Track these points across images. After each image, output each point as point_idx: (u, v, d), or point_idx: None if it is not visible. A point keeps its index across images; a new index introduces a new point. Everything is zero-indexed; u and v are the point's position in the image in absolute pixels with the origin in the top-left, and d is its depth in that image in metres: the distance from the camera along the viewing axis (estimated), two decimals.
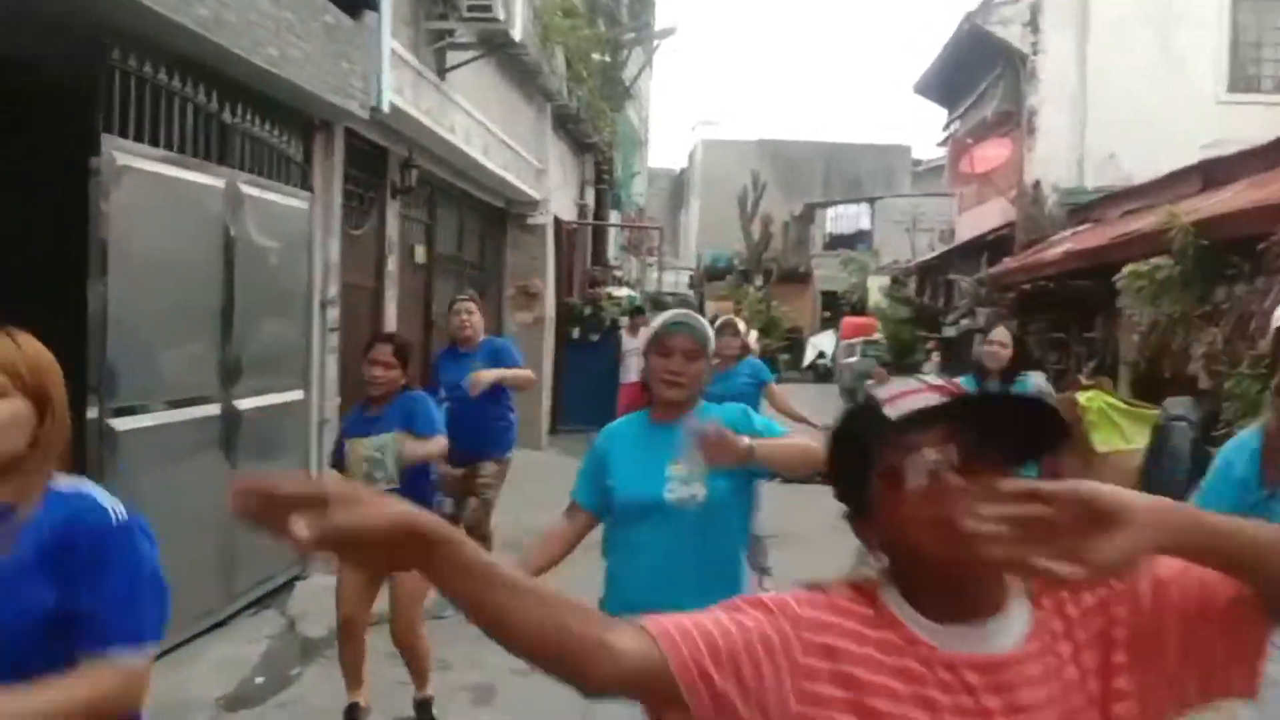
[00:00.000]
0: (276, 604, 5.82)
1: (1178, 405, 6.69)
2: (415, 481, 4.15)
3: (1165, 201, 10.10)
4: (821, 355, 24.69)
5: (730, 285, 27.54)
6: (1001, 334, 5.33)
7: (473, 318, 5.77)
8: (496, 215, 12.09)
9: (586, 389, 12.73)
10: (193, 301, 5.13)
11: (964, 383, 5.31)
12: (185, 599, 5.03)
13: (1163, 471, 6.41)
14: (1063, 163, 13.22)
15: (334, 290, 6.78)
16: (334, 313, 6.76)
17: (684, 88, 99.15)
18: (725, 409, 2.82)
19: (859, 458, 1.16)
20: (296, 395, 6.17)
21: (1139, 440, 7.06)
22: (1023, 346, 5.38)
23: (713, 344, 2.81)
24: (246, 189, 5.54)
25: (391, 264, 8.19)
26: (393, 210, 8.20)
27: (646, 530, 2.67)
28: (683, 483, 2.66)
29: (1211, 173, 9.52)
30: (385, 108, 6.74)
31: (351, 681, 4.22)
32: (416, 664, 4.30)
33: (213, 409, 5.24)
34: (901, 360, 15.26)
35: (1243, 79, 13.09)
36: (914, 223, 22.73)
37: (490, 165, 9.90)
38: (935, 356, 15.54)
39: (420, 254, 9.22)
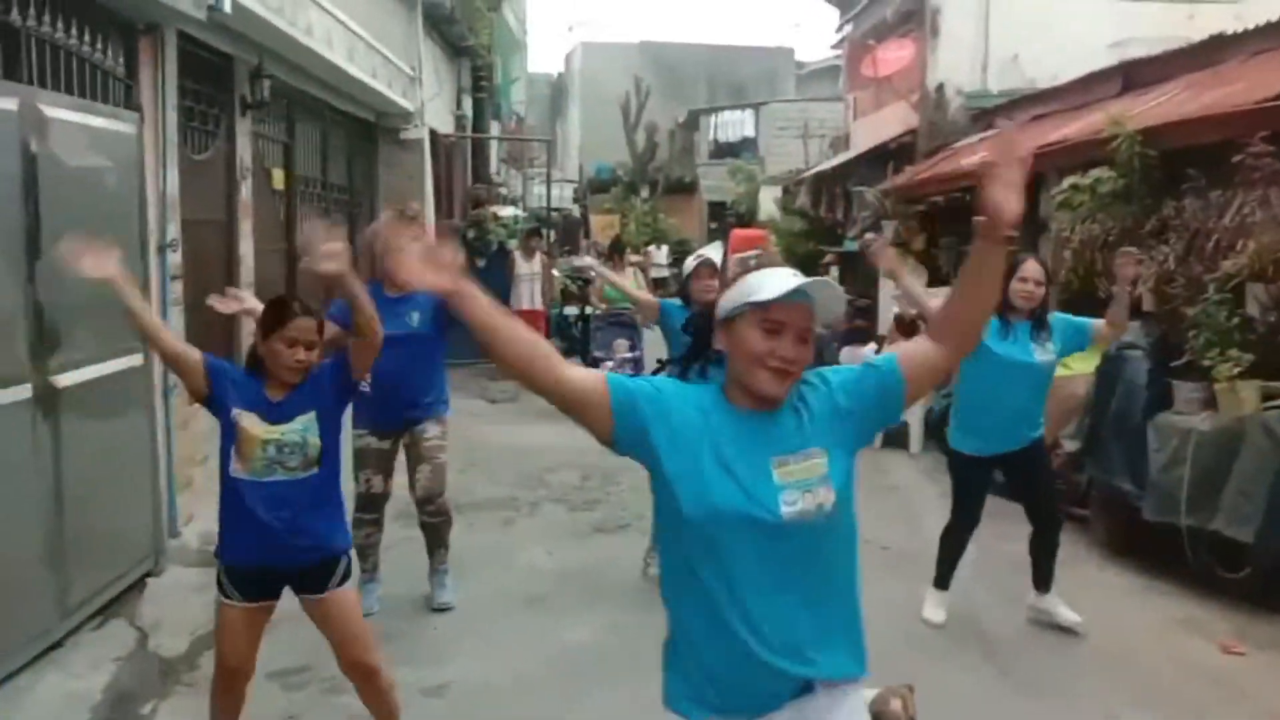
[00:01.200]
0: (125, 612, 4.88)
1: (1129, 331, 6.22)
2: (330, 463, 3.29)
3: (1080, 105, 9.66)
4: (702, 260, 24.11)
5: (616, 198, 26.56)
6: (1034, 269, 4.62)
7: None
8: (365, 130, 10.90)
9: None
10: None
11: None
12: (9, 621, 4.10)
13: (1119, 403, 5.96)
14: (966, 65, 12.62)
15: (174, 229, 5.70)
16: (175, 257, 5.68)
17: None
18: (838, 372, 2.09)
19: None
20: (134, 360, 5.12)
21: (1079, 366, 6.60)
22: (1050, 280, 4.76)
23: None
24: (50, 111, 4.40)
25: (245, 192, 7.07)
26: (243, 129, 7.05)
27: (745, 557, 1.92)
28: (802, 488, 1.92)
29: (1133, 75, 9.04)
30: (225, 6, 5.59)
31: None
32: (383, 707, 3.43)
33: (22, 391, 4.20)
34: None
35: None
36: (805, 129, 22.05)
37: (356, 72, 8.73)
38: (834, 271, 15.06)
39: (278, 178, 8.06)
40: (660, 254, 23.71)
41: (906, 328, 8.94)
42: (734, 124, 29.55)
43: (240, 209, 6.98)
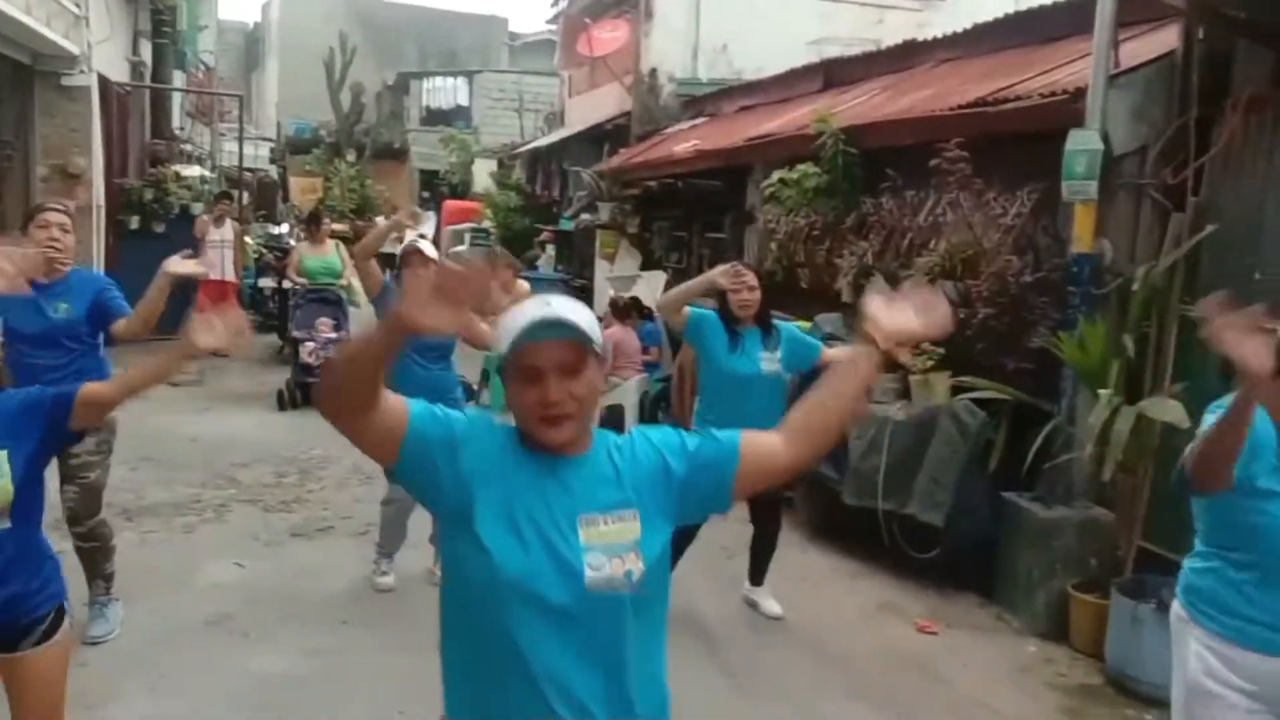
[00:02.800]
0: None
1: (829, 322, 6.48)
2: (24, 515, 2.55)
3: (785, 99, 10.03)
4: (423, 238, 23.28)
5: (319, 160, 24.98)
6: (747, 276, 4.59)
7: (67, 236, 4.01)
8: (19, 74, 9.44)
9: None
10: None
11: (712, 328, 4.59)
12: None
13: None
14: (678, 51, 12.83)
15: None
16: None
17: None
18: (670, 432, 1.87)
19: None
20: None
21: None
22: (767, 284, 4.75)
23: (599, 336, 1.75)
24: None
25: None
26: None
27: (541, 620, 1.67)
28: (610, 553, 1.70)
29: (833, 73, 9.48)
30: None
31: None
32: None
33: None
34: (514, 253, 14.46)
35: None
36: (520, 102, 21.72)
37: (3, 6, 7.46)
38: (550, 250, 14.95)
39: None
40: (426, 227, 21.96)
41: (621, 312, 8.93)
42: (446, 91, 28.70)
43: None
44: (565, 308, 1.71)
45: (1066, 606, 4.78)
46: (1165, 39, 4.97)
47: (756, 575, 5.07)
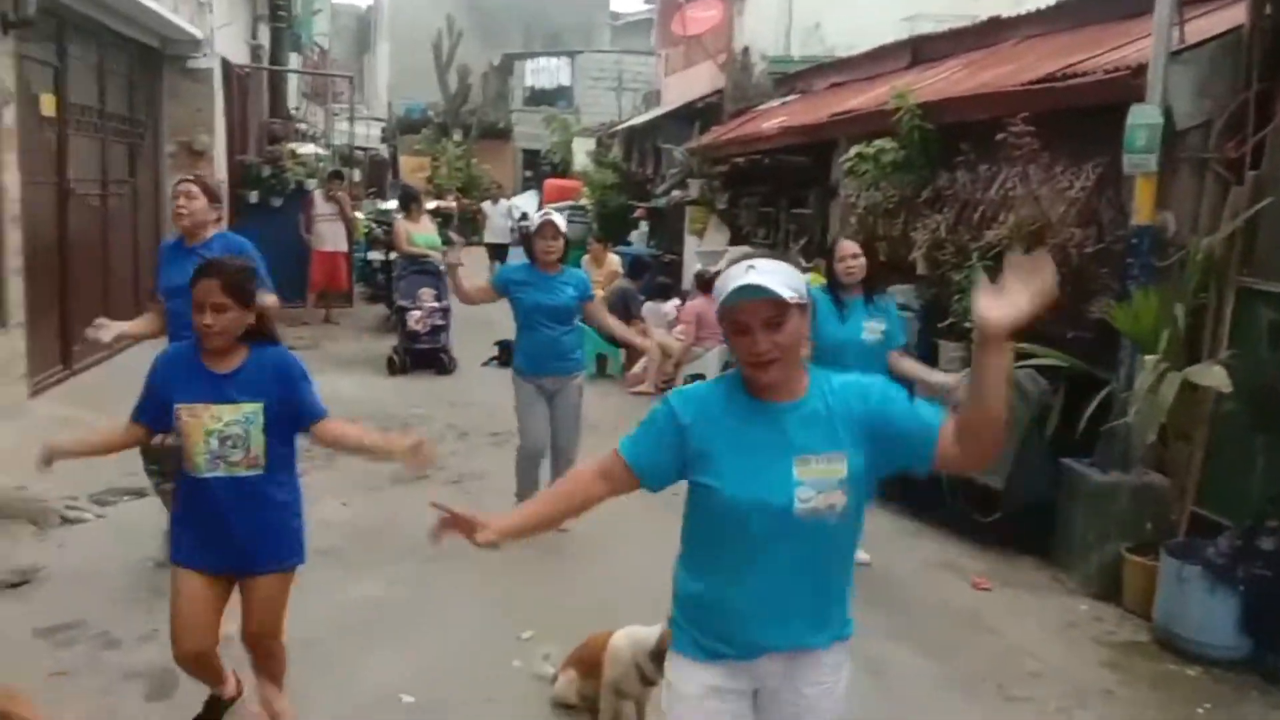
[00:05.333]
0: None
1: (902, 293, 6.66)
2: (283, 462, 3.16)
3: (873, 76, 10.14)
4: (525, 217, 23.85)
5: (427, 140, 25.83)
6: (849, 246, 4.97)
7: (193, 203, 4.57)
8: (150, 57, 10.17)
9: (271, 262, 11.22)
10: None
11: (818, 297, 4.93)
12: None
13: None
14: (771, 30, 13.01)
15: None
16: None
17: None
18: (852, 381, 2.16)
19: None
20: None
21: None
22: (873, 254, 5.12)
23: (802, 287, 2.06)
24: None
25: (8, 118, 6.50)
26: (5, 48, 6.46)
27: (760, 546, 2.08)
28: (818, 489, 2.05)
29: (921, 49, 9.56)
30: None
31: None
32: (273, 668, 3.45)
33: None
34: (609, 229, 14.87)
35: None
36: (619, 81, 22.13)
37: None
38: (644, 226, 15.30)
39: (48, 104, 7.45)
40: (497, 211, 18.15)
41: (706, 285, 9.22)
42: (549, 71, 29.28)
43: (3, 137, 6.42)
44: (765, 271, 2.00)
45: (1120, 568, 4.93)
46: (1233, 15, 5.02)
47: None
